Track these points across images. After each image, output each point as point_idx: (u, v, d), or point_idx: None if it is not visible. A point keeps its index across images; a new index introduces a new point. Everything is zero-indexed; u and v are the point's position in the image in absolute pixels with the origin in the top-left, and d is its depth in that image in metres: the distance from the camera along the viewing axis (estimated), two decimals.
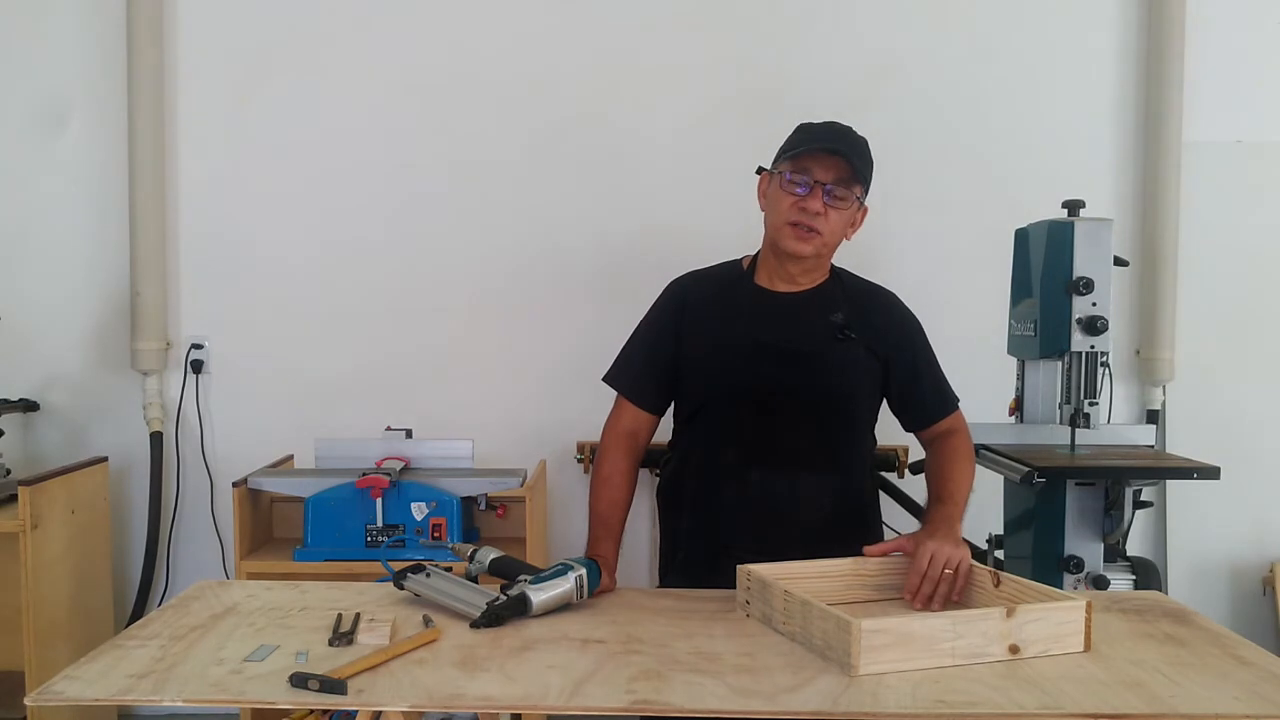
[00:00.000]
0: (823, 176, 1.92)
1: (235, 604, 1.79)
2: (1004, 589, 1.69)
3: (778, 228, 1.97)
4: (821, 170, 1.92)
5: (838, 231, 1.97)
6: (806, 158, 1.93)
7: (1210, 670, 1.50)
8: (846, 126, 2.00)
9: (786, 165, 1.95)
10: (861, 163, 1.95)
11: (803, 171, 1.93)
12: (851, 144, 1.96)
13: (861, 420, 2.09)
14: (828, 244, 1.97)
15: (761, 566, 1.73)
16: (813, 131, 1.98)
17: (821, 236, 1.94)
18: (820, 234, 1.94)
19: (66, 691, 1.39)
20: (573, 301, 3.50)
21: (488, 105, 3.48)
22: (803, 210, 1.92)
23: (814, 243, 1.95)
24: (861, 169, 1.94)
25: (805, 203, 1.92)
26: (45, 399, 3.47)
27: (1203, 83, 3.45)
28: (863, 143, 1.99)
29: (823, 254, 2.00)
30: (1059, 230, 2.74)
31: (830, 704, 1.36)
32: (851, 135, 1.99)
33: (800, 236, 1.94)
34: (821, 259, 2.02)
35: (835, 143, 1.93)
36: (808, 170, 1.93)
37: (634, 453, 2.10)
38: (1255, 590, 3.53)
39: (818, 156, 1.92)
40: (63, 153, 3.46)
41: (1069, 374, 2.77)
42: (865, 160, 1.97)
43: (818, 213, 1.92)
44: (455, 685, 1.41)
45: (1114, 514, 2.64)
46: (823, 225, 1.93)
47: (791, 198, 1.94)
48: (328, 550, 2.87)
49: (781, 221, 1.96)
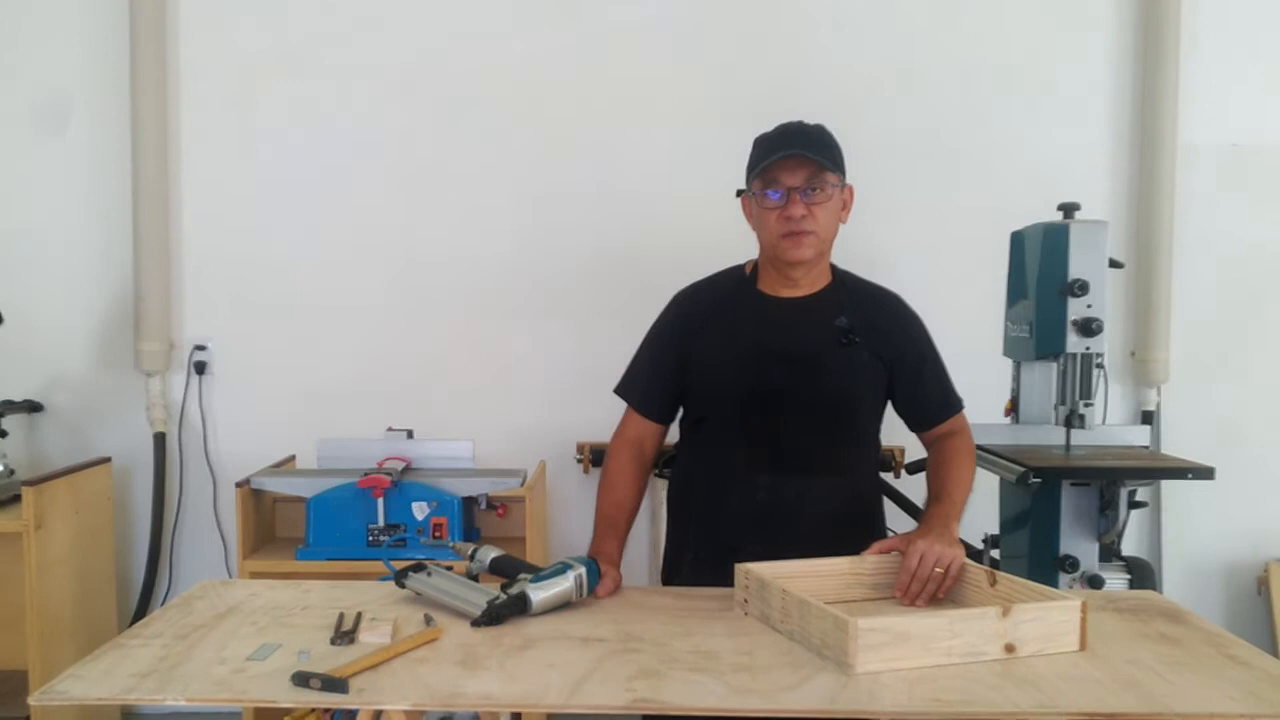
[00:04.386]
0: (793, 181, 1.94)
1: (238, 603, 1.80)
2: (1000, 588, 1.70)
3: (772, 244, 2.00)
4: (789, 176, 1.94)
5: (829, 224, 1.99)
6: (772, 169, 1.95)
7: (1205, 670, 1.51)
8: (797, 123, 2.02)
9: (757, 182, 1.98)
10: (825, 152, 1.96)
11: (773, 183, 1.96)
12: (808, 139, 1.98)
13: (866, 424, 2.11)
14: (824, 239, 2.00)
15: (760, 565, 1.75)
16: (769, 141, 2.00)
17: (816, 235, 1.97)
18: (813, 233, 1.96)
19: (70, 691, 1.40)
20: (573, 303, 3.51)
21: (488, 108, 3.49)
22: (788, 219, 1.95)
23: (811, 243, 1.97)
24: (827, 158, 1.96)
25: (787, 211, 1.95)
26: (49, 400, 3.48)
27: (1198, 85, 3.46)
28: (818, 132, 2.01)
29: (823, 249, 2.02)
30: (1054, 232, 2.75)
31: (828, 702, 1.37)
32: (805, 130, 2.00)
33: (796, 244, 1.96)
34: (822, 257, 2.04)
35: (791, 146, 1.95)
36: (777, 180, 1.95)
37: (639, 458, 2.13)
38: (1250, 590, 3.54)
39: (781, 164, 1.94)
40: (66, 153, 3.47)
41: (1064, 375, 2.78)
42: (827, 147, 1.99)
43: (803, 215, 1.94)
44: (456, 684, 1.43)
45: (1109, 514, 2.65)
46: (812, 224, 1.95)
47: (774, 211, 1.96)
48: (330, 550, 2.88)
49: (774, 237, 1.98)
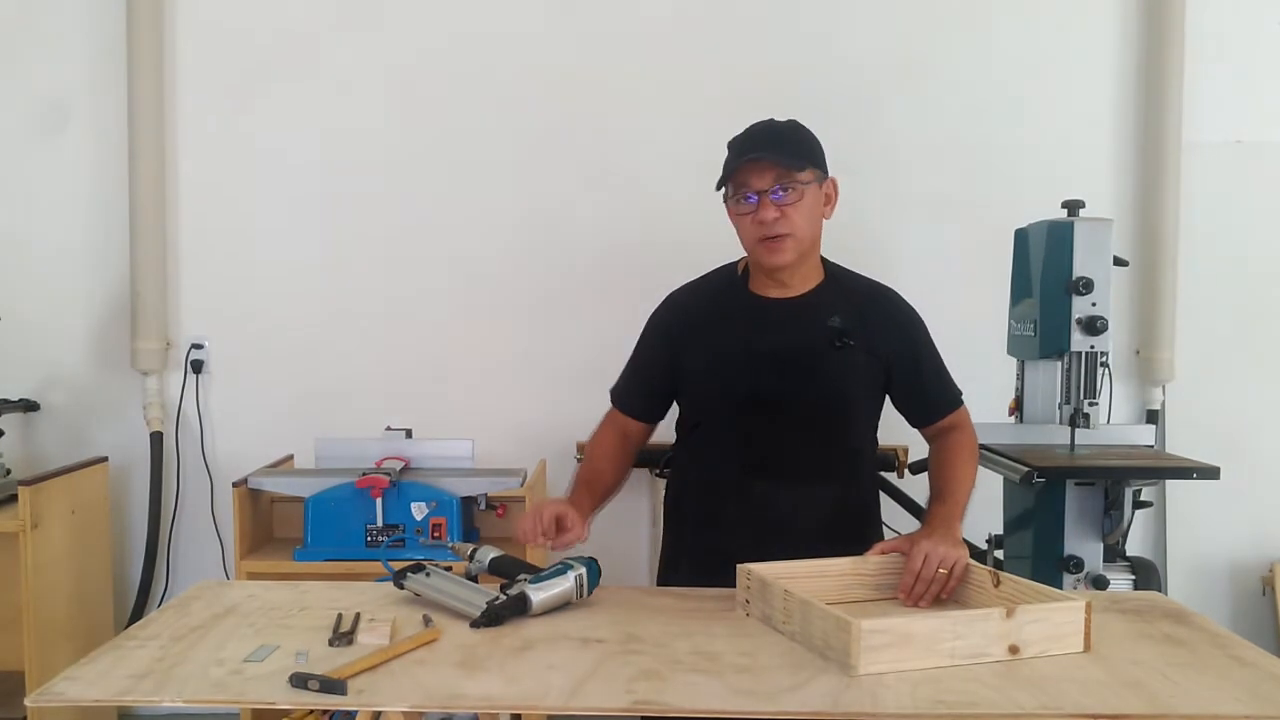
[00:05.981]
0: (762, 184, 1.90)
1: (235, 604, 1.78)
2: (1004, 589, 1.69)
3: (751, 248, 1.97)
4: (758, 178, 1.90)
5: (807, 223, 1.94)
6: (740, 173, 1.92)
7: (1210, 670, 1.50)
8: (766, 123, 1.98)
9: (729, 187, 1.95)
10: (792, 150, 1.92)
11: (743, 186, 1.92)
12: (775, 139, 1.94)
13: (862, 426, 2.08)
14: (803, 240, 1.94)
15: (762, 566, 1.73)
16: (736, 144, 1.97)
17: (793, 236, 1.91)
18: (790, 235, 1.91)
19: (67, 692, 1.39)
20: (573, 301, 3.50)
21: (488, 106, 3.48)
22: (761, 224, 1.91)
23: (788, 246, 1.92)
24: (795, 155, 1.91)
25: (760, 215, 1.90)
26: (45, 399, 3.47)
27: (1202, 83, 3.45)
28: (789, 129, 1.97)
29: (804, 250, 1.96)
30: (1059, 230, 2.74)
31: (830, 704, 1.36)
32: (774, 129, 1.96)
33: (771, 248, 1.92)
34: (806, 256, 1.99)
35: (757, 148, 1.91)
36: (747, 184, 1.91)
37: (620, 442, 2.12)
38: (1255, 590, 3.53)
39: (749, 167, 1.91)
40: (63, 153, 3.46)
41: (1069, 374, 2.77)
42: (796, 144, 1.94)
43: (776, 218, 1.90)
44: (455, 685, 1.41)
45: (1113, 514, 2.64)
46: (787, 226, 1.90)
47: (747, 216, 1.93)
48: (328, 550, 2.87)
49: (751, 242, 1.95)
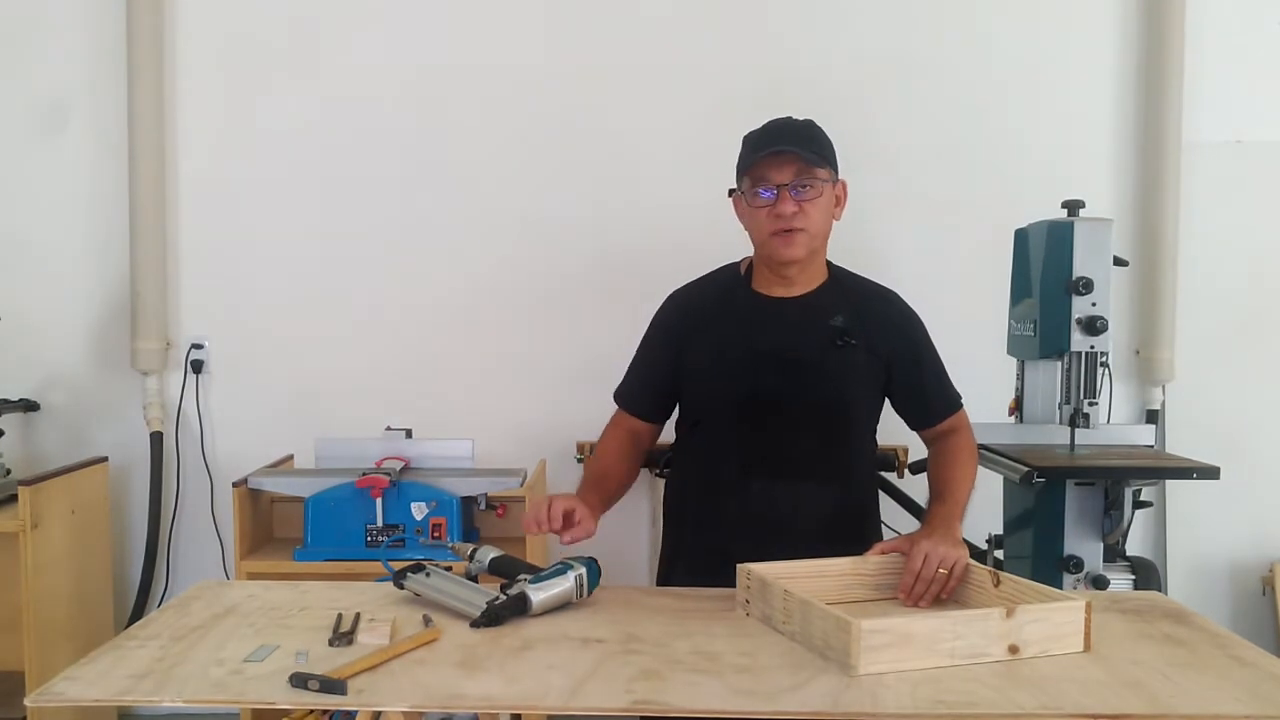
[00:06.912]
0: (782, 178, 1.92)
1: (235, 604, 1.78)
2: (1004, 589, 1.69)
3: (763, 242, 1.98)
4: (778, 172, 1.92)
5: (821, 221, 1.96)
6: (760, 166, 1.93)
7: (1210, 670, 1.50)
8: (785, 119, 2.00)
9: (746, 180, 1.96)
10: (814, 148, 1.94)
11: (762, 180, 1.94)
12: (796, 135, 1.96)
13: (862, 427, 2.09)
14: (816, 236, 1.97)
15: (762, 566, 1.73)
16: (756, 139, 1.98)
17: (807, 232, 1.94)
18: (805, 230, 1.93)
19: (67, 692, 1.39)
20: (573, 301, 3.50)
21: (487, 105, 3.48)
22: (778, 217, 1.92)
23: (801, 241, 1.94)
24: (816, 153, 1.93)
25: (777, 209, 1.92)
26: (45, 399, 3.47)
27: (1202, 82, 3.45)
28: (807, 127, 1.99)
29: (815, 247, 1.99)
30: (1059, 230, 2.74)
31: (830, 704, 1.36)
32: (793, 126, 1.98)
33: (786, 242, 1.94)
34: (816, 254, 2.01)
35: (779, 142, 1.93)
36: (766, 178, 1.93)
37: (629, 442, 2.13)
38: (1255, 590, 3.53)
39: (770, 161, 1.92)
40: (63, 152, 3.46)
41: (1069, 374, 2.77)
42: (817, 143, 1.96)
43: (794, 213, 1.92)
44: (455, 685, 1.41)
45: (1113, 514, 2.64)
46: (803, 221, 1.93)
47: (764, 210, 1.94)
48: (328, 550, 2.87)
49: (764, 235, 1.96)
